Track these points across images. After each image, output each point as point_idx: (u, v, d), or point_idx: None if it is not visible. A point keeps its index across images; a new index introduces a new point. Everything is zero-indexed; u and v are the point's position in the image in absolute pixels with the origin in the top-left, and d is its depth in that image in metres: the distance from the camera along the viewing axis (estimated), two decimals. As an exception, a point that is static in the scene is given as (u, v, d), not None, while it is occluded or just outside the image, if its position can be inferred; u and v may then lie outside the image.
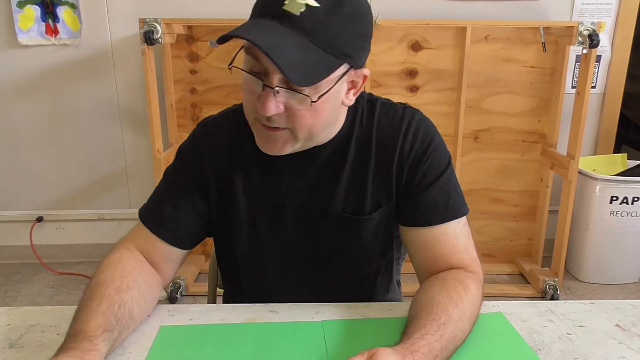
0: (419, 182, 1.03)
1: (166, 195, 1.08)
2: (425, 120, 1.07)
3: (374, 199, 1.05)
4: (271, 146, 0.96)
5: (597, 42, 2.40)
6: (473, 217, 3.22)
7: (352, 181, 1.04)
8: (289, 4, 0.84)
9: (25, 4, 2.73)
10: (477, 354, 0.88)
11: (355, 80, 0.96)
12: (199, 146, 1.08)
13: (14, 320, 0.98)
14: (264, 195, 1.06)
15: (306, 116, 0.91)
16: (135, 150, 3.02)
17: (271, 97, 0.87)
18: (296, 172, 1.04)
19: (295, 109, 0.90)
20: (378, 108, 1.07)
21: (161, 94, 2.69)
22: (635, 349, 0.90)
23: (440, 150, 1.05)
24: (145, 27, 2.35)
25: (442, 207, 1.02)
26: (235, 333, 0.94)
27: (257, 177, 1.05)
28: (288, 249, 1.08)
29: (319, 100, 0.89)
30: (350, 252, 1.08)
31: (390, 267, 1.15)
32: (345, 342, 0.90)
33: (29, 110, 2.94)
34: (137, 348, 0.89)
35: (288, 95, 0.88)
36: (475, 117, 2.87)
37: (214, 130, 1.09)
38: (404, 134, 1.03)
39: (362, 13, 0.90)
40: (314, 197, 1.05)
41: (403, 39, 2.75)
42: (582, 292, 2.86)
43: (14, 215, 3.09)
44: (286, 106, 0.89)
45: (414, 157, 1.02)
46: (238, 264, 1.13)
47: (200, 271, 2.96)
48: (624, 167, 2.97)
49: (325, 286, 1.11)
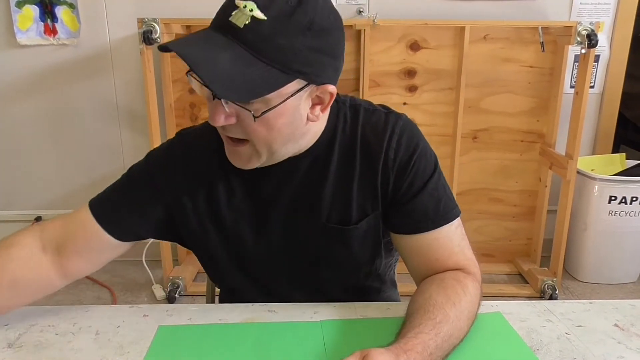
0: (406, 190, 1.00)
1: (119, 189, 1.08)
2: (409, 124, 1.03)
3: (360, 207, 1.02)
4: (237, 160, 0.95)
5: (596, 42, 2.40)
6: (472, 217, 3.23)
7: (337, 189, 1.01)
8: (234, 16, 0.82)
9: (24, 4, 2.73)
10: (476, 353, 0.88)
11: (321, 96, 0.92)
12: (173, 156, 1.05)
13: (13, 320, 0.98)
14: (247, 206, 1.04)
15: (259, 130, 0.88)
16: (134, 150, 3.01)
17: (220, 107, 0.85)
18: (277, 183, 1.02)
19: (246, 122, 0.87)
20: (361, 114, 1.03)
21: (160, 94, 2.69)
22: (633, 349, 0.90)
23: (426, 155, 1.02)
24: (144, 27, 2.35)
25: (432, 213, 1.00)
26: (233, 333, 0.94)
27: (239, 188, 1.03)
28: (274, 258, 1.06)
29: (270, 114, 0.86)
30: (337, 261, 1.06)
31: (380, 271, 1.14)
32: (344, 342, 0.90)
33: (27, 110, 2.93)
34: (136, 348, 0.89)
35: (238, 107, 0.86)
36: (474, 117, 2.87)
37: (193, 141, 1.07)
38: (387, 140, 0.99)
39: (322, 27, 0.86)
40: (297, 207, 1.03)
41: (402, 38, 2.75)
42: (581, 292, 2.87)
43: (13, 215, 3.09)
44: (238, 119, 0.88)
45: (399, 165, 0.99)
46: (224, 273, 1.12)
47: (198, 271, 2.96)
48: (622, 167, 2.97)
49: (316, 291, 1.10)
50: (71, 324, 0.97)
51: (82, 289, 2.83)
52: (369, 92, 2.72)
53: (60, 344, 0.91)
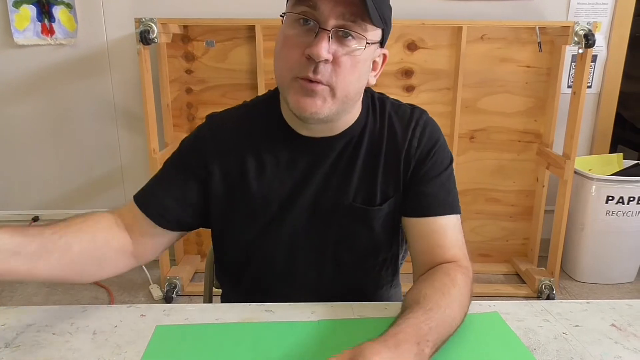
0: (422, 176, 1.07)
1: (159, 178, 1.12)
2: (431, 120, 1.12)
3: (383, 191, 1.08)
4: (310, 103, 0.95)
5: (593, 42, 2.41)
6: (469, 217, 3.23)
7: (364, 173, 1.07)
8: None
9: (21, 4, 2.73)
10: (473, 353, 0.88)
11: (376, 61, 1.03)
12: (204, 140, 1.10)
13: (10, 319, 0.98)
14: (278, 186, 1.07)
15: (348, 70, 0.94)
16: (131, 150, 3.01)
17: (326, 40, 0.90)
18: (312, 163, 1.07)
19: (340, 60, 0.93)
20: (388, 106, 1.12)
21: (157, 94, 2.68)
22: (631, 349, 0.90)
23: (445, 151, 1.10)
24: (141, 26, 2.35)
25: (442, 200, 1.06)
26: (231, 333, 0.94)
27: (271, 165, 1.07)
28: (297, 238, 1.09)
29: (362, 55, 0.94)
30: (358, 243, 1.10)
31: (395, 260, 1.18)
32: (342, 342, 0.90)
33: (24, 110, 2.93)
34: (133, 347, 0.89)
35: (337, 44, 0.92)
36: (471, 117, 2.87)
37: (222, 123, 1.12)
38: (412, 131, 1.08)
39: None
40: (327, 188, 1.07)
41: (399, 38, 2.76)
42: (578, 291, 2.87)
43: (10, 215, 3.09)
44: (334, 56, 0.92)
45: (420, 154, 1.07)
46: (243, 255, 1.13)
47: (196, 271, 2.96)
48: (619, 167, 2.98)
49: (332, 277, 1.12)
50: (68, 324, 0.97)
51: (79, 289, 2.82)
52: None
53: (58, 343, 0.90)
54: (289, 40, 0.94)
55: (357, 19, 0.91)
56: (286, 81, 0.96)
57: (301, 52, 0.92)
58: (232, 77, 2.83)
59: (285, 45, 0.95)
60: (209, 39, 2.76)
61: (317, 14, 0.90)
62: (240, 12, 2.73)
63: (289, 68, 0.95)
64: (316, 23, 0.91)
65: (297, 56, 0.93)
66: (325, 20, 0.90)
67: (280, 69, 0.97)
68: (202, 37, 2.76)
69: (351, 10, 0.90)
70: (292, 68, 0.94)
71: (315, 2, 0.90)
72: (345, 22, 0.91)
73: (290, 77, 0.95)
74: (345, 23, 0.91)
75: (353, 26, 0.92)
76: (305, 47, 0.92)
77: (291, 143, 1.07)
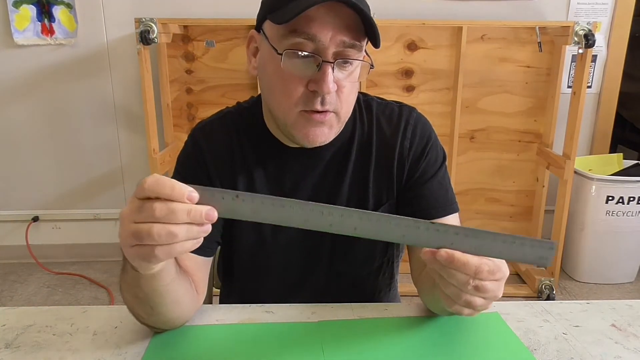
0: (419, 177, 1.06)
1: None
2: (421, 117, 1.09)
3: (376, 196, 1.06)
4: (319, 133, 0.94)
5: (593, 42, 2.40)
6: (469, 217, 3.23)
7: (355, 179, 1.06)
8: None
9: (21, 4, 2.73)
10: (473, 354, 0.88)
11: None
12: (201, 150, 1.05)
13: (10, 320, 0.98)
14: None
15: (349, 92, 0.93)
16: (131, 150, 3.01)
17: (331, 72, 0.88)
18: (301, 172, 1.05)
19: (342, 85, 0.91)
20: (374, 107, 1.09)
21: (157, 94, 2.68)
22: (631, 349, 0.90)
23: (438, 147, 1.09)
24: (141, 26, 2.35)
25: (441, 202, 1.05)
26: (231, 334, 0.94)
27: (260, 178, 1.05)
28: (290, 249, 1.08)
29: (357, 78, 0.94)
30: (352, 251, 1.09)
31: (391, 264, 1.17)
32: (342, 343, 0.90)
33: (24, 110, 2.93)
34: (133, 349, 0.89)
35: (338, 71, 0.90)
36: (471, 117, 2.87)
37: (212, 133, 1.07)
38: (402, 131, 1.06)
39: None
40: (318, 197, 1.05)
41: (399, 38, 2.76)
42: (578, 292, 2.87)
43: (10, 214, 3.09)
44: (337, 85, 0.90)
45: (414, 154, 1.06)
46: (237, 265, 1.12)
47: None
48: (619, 166, 2.97)
49: (326, 287, 1.11)
50: (69, 325, 0.97)
51: (79, 290, 2.83)
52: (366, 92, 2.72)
53: (58, 344, 0.90)
54: (289, 74, 0.90)
55: (355, 42, 0.89)
56: (291, 116, 0.93)
57: (304, 85, 0.90)
58: (232, 77, 2.83)
59: (284, 79, 0.91)
60: (209, 39, 2.76)
61: (315, 45, 0.87)
62: (240, 12, 2.73)
63: (293, 103, 0.91)
64: (318, 56, 0.88)
65: (301, 90, 0.90)
66: (326, 50, 0.87)
67: (282, 104, 0.93)
68: (202, 37, 2.76)
69: (350, 35, 0.88)
70: (297, 103, 0.91)
71: (313, 33, 0.86)
72: (344, 49, 0.88)
73: (296, 111, 0.92)
74: (345, 50, 0.88)
75: (352, 52, 0.89)
76: (307, 79, 0.89)
77: (279, 156, 1.05)
